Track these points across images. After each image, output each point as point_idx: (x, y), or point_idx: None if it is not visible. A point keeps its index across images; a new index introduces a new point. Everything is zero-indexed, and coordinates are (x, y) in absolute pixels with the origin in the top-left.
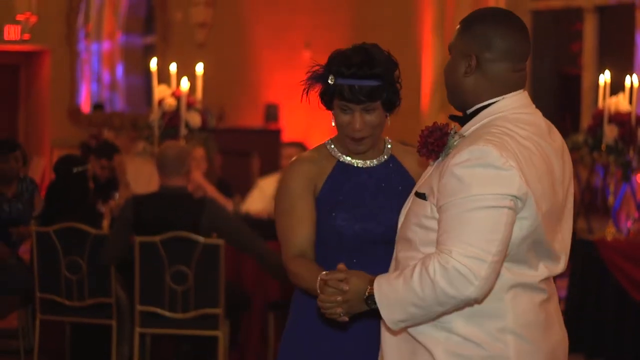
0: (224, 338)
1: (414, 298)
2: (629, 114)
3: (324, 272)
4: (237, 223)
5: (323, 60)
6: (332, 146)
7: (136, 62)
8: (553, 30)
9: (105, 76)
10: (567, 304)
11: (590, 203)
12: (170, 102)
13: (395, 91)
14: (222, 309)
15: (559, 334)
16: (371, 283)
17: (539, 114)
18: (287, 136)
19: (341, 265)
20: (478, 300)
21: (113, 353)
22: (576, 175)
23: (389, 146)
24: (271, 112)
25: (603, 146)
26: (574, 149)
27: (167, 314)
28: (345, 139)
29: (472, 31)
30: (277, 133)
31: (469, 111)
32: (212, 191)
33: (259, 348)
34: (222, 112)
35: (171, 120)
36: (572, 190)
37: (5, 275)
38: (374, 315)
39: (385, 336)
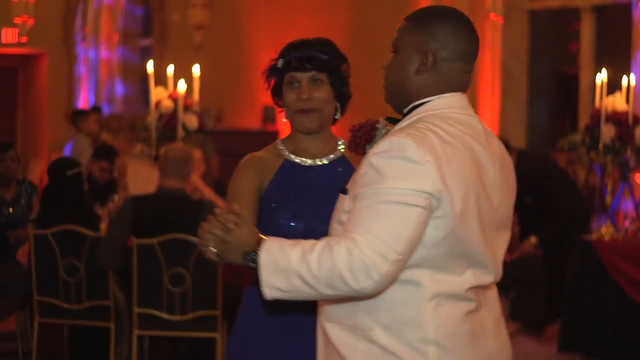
0: (222, 340)
1: (305, 272)
2: (626, 114)
3: (221, 209)
4: None
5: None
6: (282, 146)
7: (134, 65)
8: (551, 30)
9: (103, 79)
10: (565, 304)
11: (588, 203)
12: (167, 104)
13: (343, 81)
14: (220, 310)
15: (492, 346)
16: (259, 243)
17: (476, 117)
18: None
19: (237, 207)
20: (370, 296)
21: (111, 355)
22: (574, 174)
23: (342, 147)
24: (269, 114)
25: (600, 146)
26: (571, 149)
27: (165, 316)
28: (294, 118)
29: (429, 28)
30: (274, 134)
31: (406, 110)
32: (209, 193)
33: None
34: (219, 113)
35: (168, 122)
36: (511, 202)
37: (3, 278)
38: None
39: (317, 334)
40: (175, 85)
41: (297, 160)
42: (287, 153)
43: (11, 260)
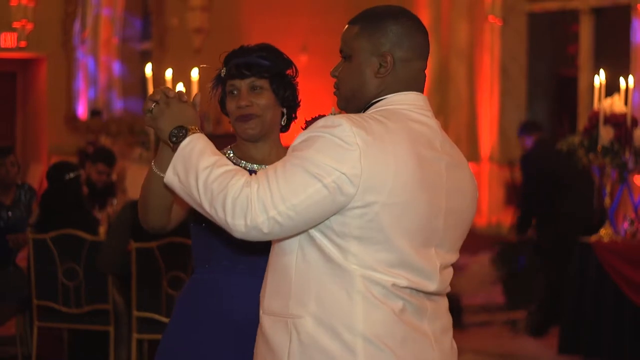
0: None
1: (202, 178)
2: (624, 115)
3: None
4: None
5: (320, 64)
6: (231, 153)
7: (133, 68)
8: (549, 32)
9: (102, 82)
10: (564, 306)
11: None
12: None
13: (287, 85)
14: None
15: (428, 355)
16: (195, 126)
17: (433, 118)
18: (283, 140)
19: (197, 95)
20: (241, 238)
21: (111, 359)
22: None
23: None
24: None
25: (599, 147)
26: (570, 151)
27: (164, 319)
28: (235, 125)
29: (381, 30)
30: None
31: (364, 108)
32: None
33: None
34: (219, 117)
35: None
36: (465, 213)
37: (2, 282)
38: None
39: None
40: (173, 89)
41: (242, 164)
42: (236, 159)
43: (10, 264)
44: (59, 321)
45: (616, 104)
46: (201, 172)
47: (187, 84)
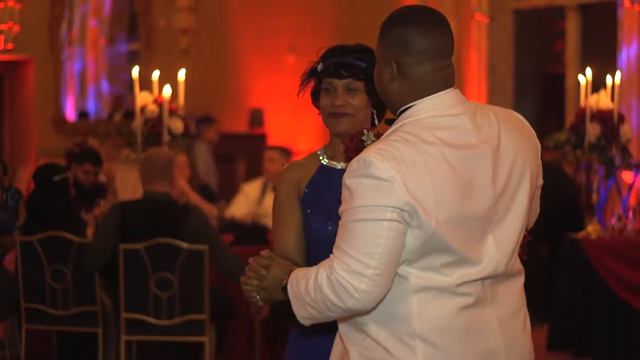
0: (210, 344)
1: (310, 300)
2: (611, 112)
3: (253, 257)
4: (216, 233)
5: (307, 64)
6: (320, 151)
7: (120, 69)
8: (536, 29)
9: (90, 84)
10: (554, 303)
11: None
12: (153, 108)
13: None
14: (207, 314)
15: (496, 343)
16: (289, 274)
17: (466, 114)
18: (272, 140)
19: (265, 252)
20: (365, 311)
21: None
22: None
23: None
24: (256, 117)
25: (586, 144)
26: (557, 147)
27: (152, 320)
28: (327, 121)
29: (388, 35)
30: (262, 138)
31: (397, 114)
32: (195, 197)
33: (246, 353)
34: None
35: (154, 127)
36: (524, 185)
37: None
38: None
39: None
40: (160, 90)
41: (332, 164)
42: (323, 157)
43: None
44: (47, 323)
45: (603, 100)
46: (306, 298)
47: (174, 84)
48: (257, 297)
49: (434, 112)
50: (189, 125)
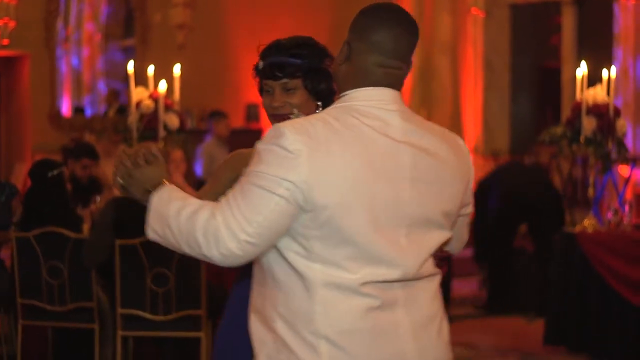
0: (207, 339)
1: (174, 225)
2: (606, 106)
3: (145, 145)
4: None
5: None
6: None
7: (116, 65)
8: (532, 23)
9: (86, 79)
10: (550, 297)
11: (572, 195)
12: (148, 104)
13: (321, 79)
14: (204, 310)
15: (407, 348)
16: (159, 185)
17: (398, 112)
18: None
19: (155, 148)
20: (223, 265)
21: (96, 357)
22: (558, 168)
23: None
24: (252, 112)
25: (582, 138)
26: (552, 142)
27: (148, 316)
28: (270, 120)
29: (354, 21)
30: (258, 132)
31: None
32: (191, 193)
33: None
34: (203, 113)
35: (149, 122)
36: (447, 196)
37: None
38: None
39: None
40: (156, 85)
41: None
42: None
43: None
44: (44, 319)
45: (599, 94)
46: (171, 222)
47: (170, 80)
48: (119, 179)
49: (367, 103)
50: (185, 121)
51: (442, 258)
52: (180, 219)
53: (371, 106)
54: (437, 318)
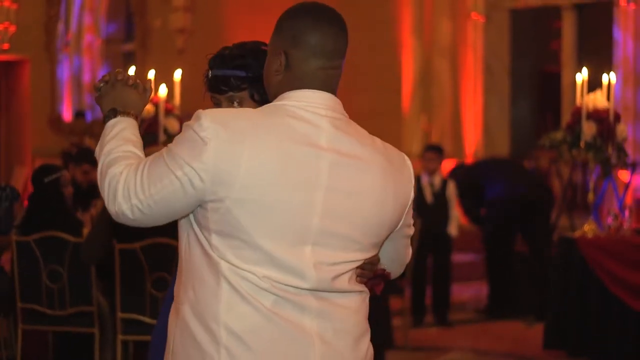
0: None
1: (102, 159)
2: (607, 111)
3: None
4: None
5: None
6: None
7: (116, 69)
8: (532, 28)
9: (86, 84)
10: (549, 302)
11: (572, 200)
12: (148, 108)
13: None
14: None
15: (304, 353)
16: (131, 111)
17: (328, 118)
18: None
19: (149, 85)
20: (118, 221)
21: None
22: (558, 173)
23: None
24: None
25: (582, 143)
26: (552, 147)
27: (148, 320)
28: None
29: (281, 28)
30: None
31: None
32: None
33: None
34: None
35: (150, 126)
36: (369, 213)
37: None
38: None
39: None
40: (156, 90)
41: None
42: None
43: None
44: (44, 324)
45: (599, 99)
46: (103, 155)
47: (170, 84)
48: (100, 88)
49: (299, 104)
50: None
51: (378, 277)
52: (107, 158)
53: (302, 108)
54: (354, 332)
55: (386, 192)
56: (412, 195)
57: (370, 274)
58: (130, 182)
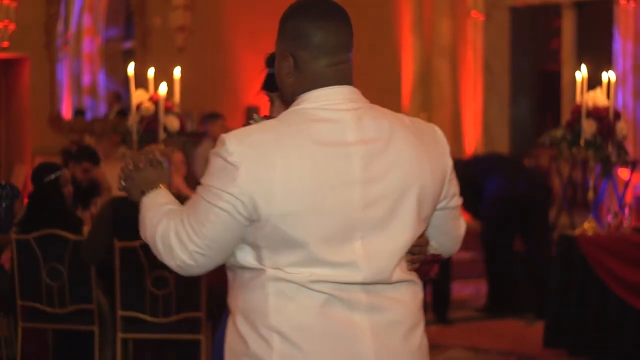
0: (207, 342)
1: (149, 231)
2: (606, 109)
3: (150, 149)
4: None
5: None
6: None
7: (116, 68)
8: (532, 26)
9: (86, 82)
10: (549, 300)
11: (572, 198)
12: (148, 106)
13: None
14: (204, 312)
15: (357, 349)
16: (155, 187)
17: (350, 111)
18: None
19: (162, 155)
20: (184, 275)
21: (96, 359)
22: (558, 171)
23: None
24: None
25: (582, 141)
26: (552, 145)
27: (148, 318)
28: None
29: (284, 30)
30: None
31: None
32: (191, 195)
33: None
34: (203, 115)
35: (149, 124)
36: (408, 199)
37: None
38: None
39: None
40: (156, 88)
41: None
42: None
43: None
44: (44, 322)
45: (598, 97)
46: (147, 227)
47: (170, 82)
48: (122, 181)
49: (317, 104)
50: (185, 123)
51: (430, 261)
52: (151, 228)
53: (322, 108)
54: (406, 324)
55: (422, 166)
56: (449, 163)
57: (421, 257)
58: (180, 232)
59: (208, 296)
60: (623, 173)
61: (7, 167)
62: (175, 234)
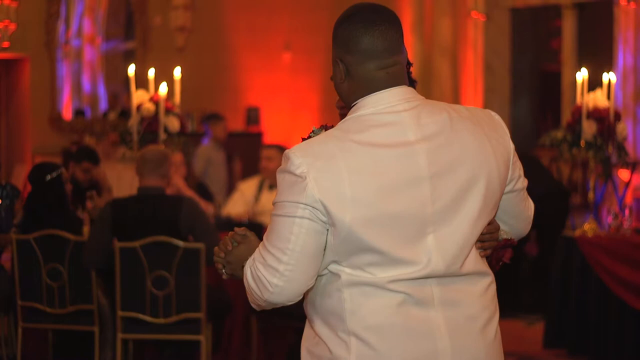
0: (207, 342)
1: (246, 287)
2: (607, 110)
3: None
4: (212, 226)
5: (303, 61)
6: None
7: (116, 68)
8: (532, 27)
9: (86, 82)
10: (549, 300)
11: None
12: (149, 107)
13: None
14: (204, 313)
15: (434, 345)
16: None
17: (408, 111)
18: (268, 139)
19: (241, 229)
20: (284, 303)
21: (96, 359)
22: (558, 172)
23: None
24: (252, 115)
25: (582, 142)
26: (553, 146)
27: (148, 319)
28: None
29: (336, 36)
30: (258, 136)
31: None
32: (192, 195)
33: (242, 352)
34: (204, 116)
35: (150, 125)
36: (477, 187)
37: None
38: None
39: None
40: (156, 88)
41: None
42: None
43: None
44: (44, 322)
45: (599, 98)
46: (246, 283)
47: (170, 82)
48: (223, 270)
49: (374, 109)
50: (185, 124)
51: (502, 246)
52: (246, 278)
53: (380, 112)
54: (481, 317)
55: (486, 153)
56: (511, 146)
57: (493, 243)
58: (266, 259)
59: (208, 296)
60: (623, 174)
61: (7, 167)
62: (262, 263)
